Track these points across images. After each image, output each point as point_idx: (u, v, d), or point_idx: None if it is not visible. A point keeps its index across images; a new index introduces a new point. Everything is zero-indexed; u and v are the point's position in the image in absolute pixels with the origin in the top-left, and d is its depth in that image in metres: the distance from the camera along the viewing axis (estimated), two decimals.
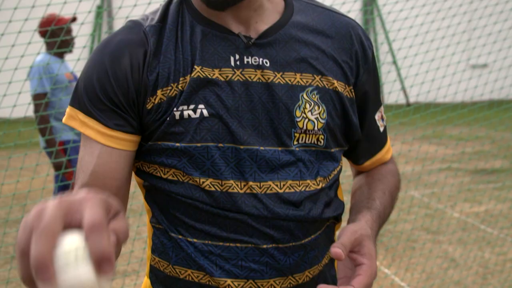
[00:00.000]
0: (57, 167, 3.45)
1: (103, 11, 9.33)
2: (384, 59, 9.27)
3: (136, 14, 1.26)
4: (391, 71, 8.78)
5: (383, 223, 0.95)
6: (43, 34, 3.54)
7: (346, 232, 0.81)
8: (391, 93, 8.39)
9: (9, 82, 3.02)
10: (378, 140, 1.02)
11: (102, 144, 0.84)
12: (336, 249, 0.77)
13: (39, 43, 3.07)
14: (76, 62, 3.59)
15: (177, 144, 0.85)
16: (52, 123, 3.48)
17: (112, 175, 0.86)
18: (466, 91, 4.79)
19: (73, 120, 0.86)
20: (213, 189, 0.86)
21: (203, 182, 0.86)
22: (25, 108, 3.05)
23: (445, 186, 4.82)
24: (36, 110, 3.46)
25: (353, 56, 0.93)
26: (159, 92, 0.85)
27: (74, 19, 3.57)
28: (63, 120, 0.88)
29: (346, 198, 1.00)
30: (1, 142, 3.89)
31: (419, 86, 4.63)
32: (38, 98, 3.43)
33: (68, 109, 0.87)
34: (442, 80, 4.70)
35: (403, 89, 8.50)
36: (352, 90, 0.93)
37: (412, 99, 8.44)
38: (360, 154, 1.02)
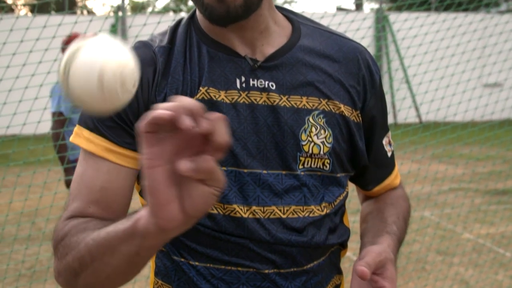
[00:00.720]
0: (69, 184, 3.52)
1: (117, 28, 9.44)
2: (395, 76, 9.26)
3: (147, 32, 1.27)
4: (400, 89, 8.75)
5: (399, 248, 0.95)
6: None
7: (371, 253, 0.81)
8: (400, 111, 8.36)
9: (20, 100, 3.06)
10: (386, 166, 1.01)
11: (110, 161, 0.83)
12: (362, 268, 0.77)
13: (50, 62, 3.10)
14: None
15: None
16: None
17: (121, 192, 0.84)
18: (476, 109, 4.75)
19: (78, 137, 0.85)
20: (215, 212, 0.86)
21: None
22: (34, 126, 3.08)
23: (455, 206, 4.75)
24: (51, 128, 3.66)
25: (360, 81, 0.92)
26: None
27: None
28: (70, 138, 0.88)
29: (353, 218, 0.98)
30: (11, 159, 3.91)
31: (429, 104, 4.60)
32: (53, 116, 3.62)
33: (76, 128, 0.87)
34: (452, 98, 4.68)
35: (415, 106, 8.47)
36: (359, 115, 0.92)
37: (422, 117, 8.40)
38: (368, 179, 1.01)
